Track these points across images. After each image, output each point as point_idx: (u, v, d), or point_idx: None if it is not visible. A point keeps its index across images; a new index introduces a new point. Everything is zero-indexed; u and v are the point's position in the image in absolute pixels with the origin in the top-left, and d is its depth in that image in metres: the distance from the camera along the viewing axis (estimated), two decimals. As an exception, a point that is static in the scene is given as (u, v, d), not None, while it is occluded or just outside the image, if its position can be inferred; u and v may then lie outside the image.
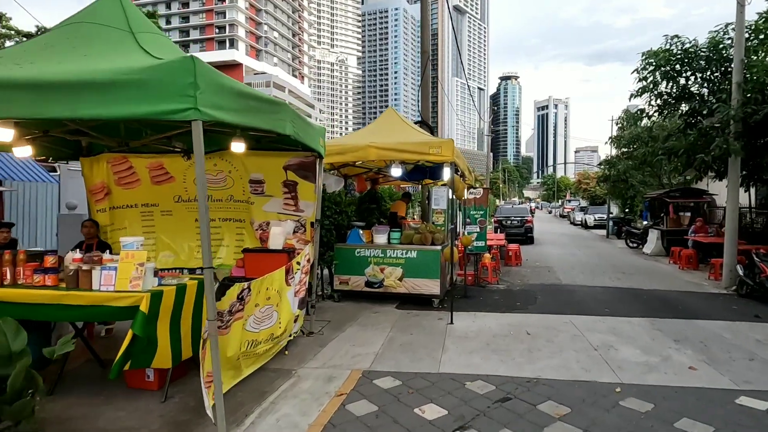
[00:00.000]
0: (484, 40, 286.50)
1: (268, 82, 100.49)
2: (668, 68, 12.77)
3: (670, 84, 13.08)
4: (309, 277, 5.94)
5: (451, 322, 7.00)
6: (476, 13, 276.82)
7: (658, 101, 13.45)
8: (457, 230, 11.40)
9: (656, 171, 22.76)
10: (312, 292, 6.33)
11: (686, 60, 12.71)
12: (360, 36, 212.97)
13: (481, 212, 11.04)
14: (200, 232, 3.38)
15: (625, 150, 23.79)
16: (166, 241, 6.92)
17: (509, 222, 21.76)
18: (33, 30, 40.96)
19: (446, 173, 7.70)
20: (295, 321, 5.59)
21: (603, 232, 28.25)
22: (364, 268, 8.25)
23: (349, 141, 7.63)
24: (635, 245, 20.23)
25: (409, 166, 9.32)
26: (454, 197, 10.42)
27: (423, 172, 9.79)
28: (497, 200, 62.10)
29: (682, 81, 13.10)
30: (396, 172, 8.08)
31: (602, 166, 27.74)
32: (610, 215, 27.52)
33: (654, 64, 13.07)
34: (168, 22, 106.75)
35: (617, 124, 25.55)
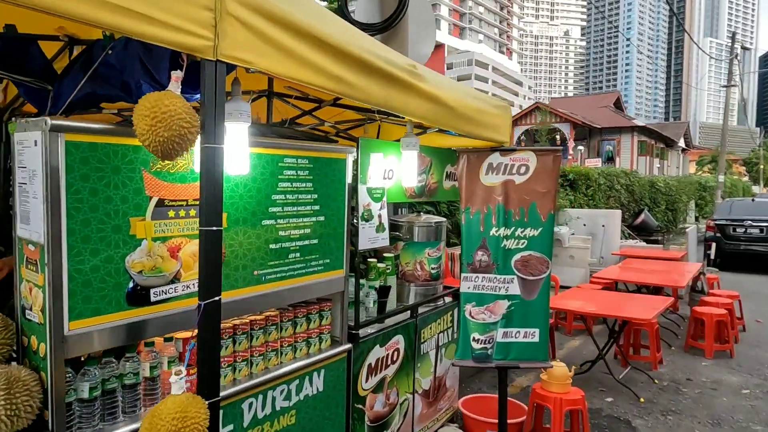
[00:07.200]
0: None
1: (470, 60, 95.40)
2: None
3: None
4: None
5: None
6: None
7: None
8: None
9: None
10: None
11: None
12: (585, 4, 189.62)
13: (540, 229, 3.22)
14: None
15: None
16: None
17: (745, 231, 11.51)
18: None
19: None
20: None
21: None
22: None
23: None
24: None
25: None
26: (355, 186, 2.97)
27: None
28: (753, 187, 44.22)
29: None
30: None
31: None
32: None
33: None
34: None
35: None
